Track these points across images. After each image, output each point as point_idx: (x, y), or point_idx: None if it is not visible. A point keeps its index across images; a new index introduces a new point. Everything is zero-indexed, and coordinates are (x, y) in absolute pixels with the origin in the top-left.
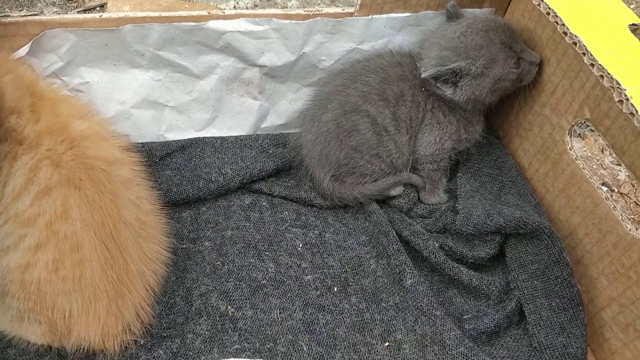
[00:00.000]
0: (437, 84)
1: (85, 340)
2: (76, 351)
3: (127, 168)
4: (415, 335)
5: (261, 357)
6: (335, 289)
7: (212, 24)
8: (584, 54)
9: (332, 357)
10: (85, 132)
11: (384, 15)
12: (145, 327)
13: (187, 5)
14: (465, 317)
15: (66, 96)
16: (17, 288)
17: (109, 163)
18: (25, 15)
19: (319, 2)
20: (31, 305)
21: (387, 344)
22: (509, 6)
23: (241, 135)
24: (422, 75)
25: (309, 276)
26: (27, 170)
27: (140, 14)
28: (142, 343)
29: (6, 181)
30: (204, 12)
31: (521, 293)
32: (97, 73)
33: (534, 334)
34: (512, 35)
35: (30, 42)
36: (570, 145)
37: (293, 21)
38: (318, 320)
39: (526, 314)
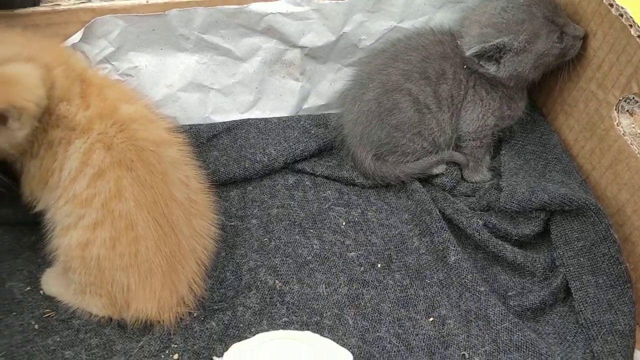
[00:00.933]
0: (480, 62)
1: (142, 312)
2: (134, 322)
3: (175, 149)
4: (459, 310)
5: (309, 330)
6: (379, 265)
7: (254, 7)
8: (630, 25)
9: (377, 331)
10: (133, 115)
11: None
12: (198, 300)
13: None
14: (509, 293)
15: (113, 81)
16: (78, 264)
17: (158, 144)
18: (76, 3)
19: None
20: (92, 279)
21: (431, 319)
22: None
23: (284, 117)
24: (467, 54)
25: (352, 253)
26: (81, 154)
27: None
28: (195, 315)
29: (62, 165)
30: None
31: (567, 270)
32: (145, 57)
33: (581, 310)
34: (554, 9)
35: (83, 28)
36: (617, 122)
37: (333, 1)
38: (363, 295)
39: (572, 291)
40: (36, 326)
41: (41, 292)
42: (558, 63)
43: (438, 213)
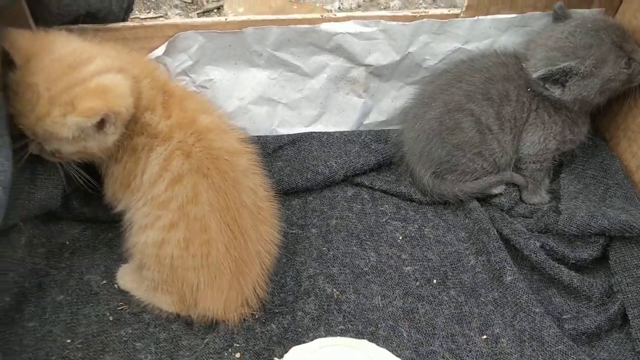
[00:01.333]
0: (546, 85)
1: (209, 311)
2: (201, 320)
3: (245, 158)
4: (513, 330)
5: (364, 339)
6: (435, 281)
7: (325, 26)
8: None
9: (431, 345)
10: (209, 126)
11: (490, 17)
12: (260, 303)
13: (295, 7)
14: (564, 317)
15: (191, 93)
16: (153, 261)
17: (231, 154)
18: (154, 18)
19: (422, 2)
20: (164, 277)
21: (484, 336)
22: (620, 6)
23: (345, 131)
24: (533, 76)
25: (408, 267)
26: (162, 160)
27: (259, 17)
28: (257, 317)
29: (144, 169)
30: (318, 15)
31: (625, 297)
32: (220, 71)
33: (638, 338)
34: (622, 35)
35: (166, 43)
36: None
37: (400, 23)
38: (417, 309)
39: (630, 319)
40: (110, 318)
41: (116, 286)
42: (624, 89)
43: (495, 233)
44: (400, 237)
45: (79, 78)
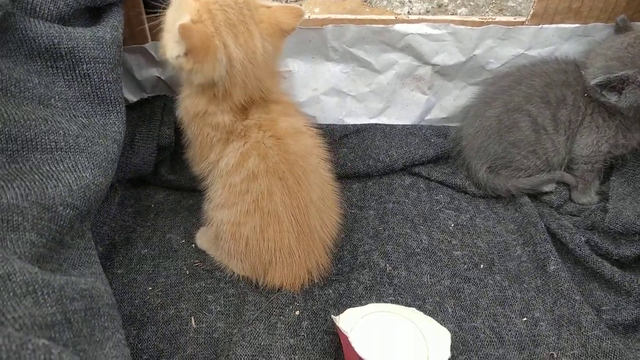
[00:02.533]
0: (603, 92)
1: (277, 281)
2: (267, 287)
3: (316, 157)
4: (552, 315)
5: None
6: (482, 266)
7: (398, 27)
8: None
9: (473, 322)
10: (288, 129)
11: (554, 25)
12: (320, 272)
13: (367, 9)
14: (603, 308)
15: (279, 96)
16: (229, 237)
17: (304, 157)
18: None
19: (487, 10)
20: (240, 250)
21: (525, 319)
22: None
23: (407, 124)
24: (592, 83)
25: (458, 252)
26: (238, 155)
27: (339, 16)
28: (315, 282)
29: (220, 158)
30: (392, 17)
31: None
32: (299, 63)
33: None
34: None
35: None
36: None
37: (468, 27)
38: (463, 289)
39: None
40: (187, 272)
41: (193, 245)
42: None
43: (543, 226)
44: (452, 225)
45: None
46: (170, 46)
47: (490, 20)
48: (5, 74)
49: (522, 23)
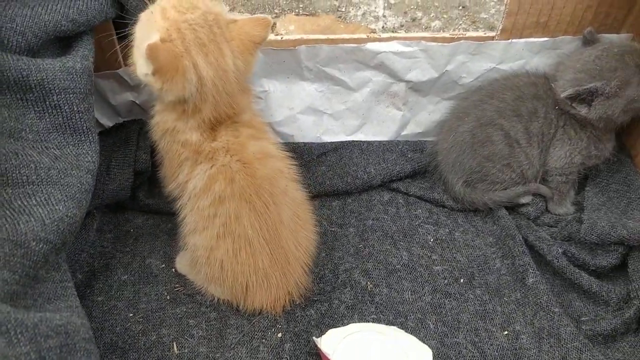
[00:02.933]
0: (573, 104)
1: (258, 305)
2: (249, 311)
3: (286, 178)
4: (533, 327)
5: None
6: (462, 280)
7: (370, 46)
8: None
9: (455, 337)
10: (256, 154)
11: (523, 40)
12: (302, 292)
13: (342, 26)
14: (582, 318)
15: (251, 118)
16: (204, 262)
17: (271, 180)
18: None
19: (461, 22)
20: (216, 275)
21: (506, 332)
22: None
23: (384, 141)
24: (562, 95)
25: (438, 267)
26: (206, 178)
27: (312, 37)
28: (297, 303)
29: (189, 179)
30: (364, 35)
31: None
32: (274, 84)
33: None
34: None
35: None
36: None
37: (439, 43)
38: (444, 304)
39: None
40: (168, 297)
41: (173, 269)
42: None
43: (521, 238)
44: (432, 240)
45: None
46: (140, 63)
47: (461, 35)
48: None
49: (492, 38)
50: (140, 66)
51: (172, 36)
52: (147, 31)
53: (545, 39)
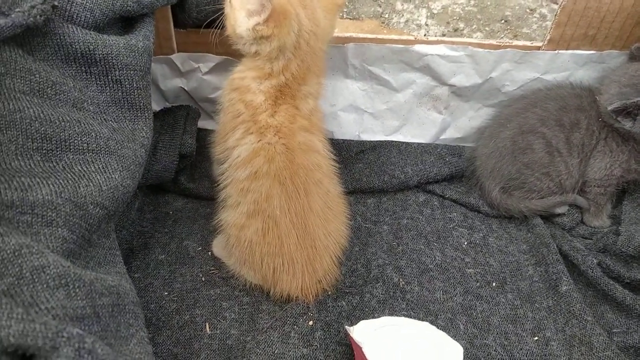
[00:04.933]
0: (618, 118)
1: (287, 291)
2: (280, 297)
3: (322, 171)
4: (564, 335)
5: None
6: (494, 284)
7: (417, 47)
8: None
9: (485, 339)
10: (301, 145)
11: (570, 51)
12: (333, 283)
13: (385, 31)
14: (614, 330)
15: (312, 111)
16: (235, 241)
17: (307, 170)
18: None
19: (502, 36)
20: (246, 257)
21: (536, 338)
22: None
23: (423, 143)
24: (608, 108)
25: (470, 269)
26: (251, 150)
27: (361, 35)
28: (329, 294)
29: (236, 146)
30: (412, 37)
31: None
32: None
33: None
34: None
35: None
36: None
37: (485, 50)
38: (475, 307)
39: None
40: (203, 278)
41: (209, 253)
42: None
43: (555, 247)
44: (465, 243)
45: None
46: (241, 20)
47: (508, 44)
48: (43, 77)
49: (539, 48)
50: (244, 23)
51: None
52: None
53: (592, 52)
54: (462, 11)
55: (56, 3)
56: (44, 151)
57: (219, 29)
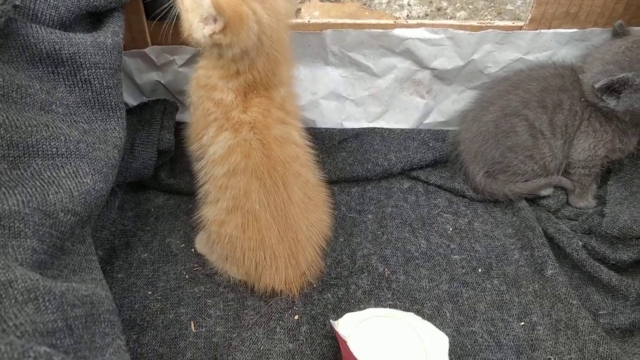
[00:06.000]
0: (603, 96)
1: (271, 285)
2: (264, 291)
3: (300, 162)
4: (550, 319)
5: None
6: (480, 270)
7: (397, 32)
8: None
9: (471, 326)
10: (278, 137)
11: (552, 30)
12: (317, 275)
13: (367, 13)
14: (600, 312)
15: (285, 99)
16: (216, 237)
17: (286, 162)
18: None
19: (487, 14)
20: (227, 252)
21: (522, 323)
22: None
23: (406, 128)
24: (596, 86)
25: (456, 256)
26: (226, 147)
27: (339, 21)
28: (314, 286)
29: (212, 144)
30: (391, 21)
31: None
32: (299, 68)
33: None
34: None
35: None
36: None
37: (466, 32)
38: (461, 293)
39: None
40: (187, 276)
41: (192, 249)
42: None
43: (540, 230)
44: (451, 229)
45: None
46: (196, 26)
47: (489, 24)
48: (7, 80)
49: (520, 28)
50: (199, 29)
51: None
52: None
53: (574, 30)
54: None
55: (17, 2)
56: (10, 158)
57: (172, 20)
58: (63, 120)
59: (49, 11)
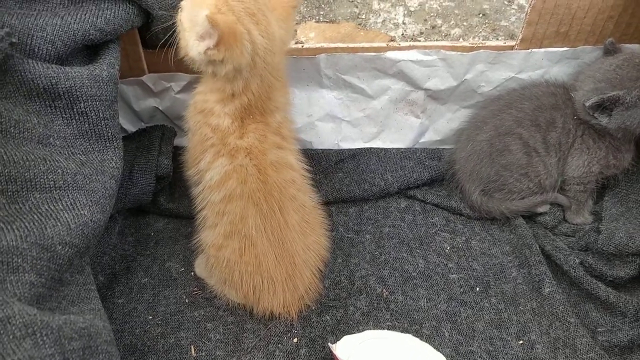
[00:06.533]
0: (595, 114)
1: (269, 308)
2: (263, 315)
3: (296, 186)
4: (548, 337)
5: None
6: (478, 289)
7: (389, 54)
8: None
9: (470, 346)
10: (274, 162)
11: (543, 50)
12: (315, 297)
13: (362, 33)
14: (599, 329)
15: (281, 124)
16: (214, 261)
17: (282, 187)
18: None
19: (481, 30)
20: (226, 276)
21: (521, 342)
22: None
23: (402, 148)
24: (586, 104)
25: (454, 275)
26: (223, 172)
27: (332, 45)
28: (313, 308)
29: (209, 169)
30: (383, 44)
31: None
32: (294, 91)
33: None
34: None
35: None
36: None
37: (458, 52)
38: (460, 313)
39: None
40: (186, 300)
41: (192, 273)
42: None
43: (538, 248)
44: (448, 248)
45: None
46: (192, 44)
47: (481, 45)
48: (5, 116)
49: (512, 47)
50: (195, 46)
51: (222, 9)
52: (195, 11)
53: (566, 48)
54: (439, 7)
55: (14, 40)
56: (9, 193)
57: (173, 47)
58: (60, 152)
59: (45, 46)
